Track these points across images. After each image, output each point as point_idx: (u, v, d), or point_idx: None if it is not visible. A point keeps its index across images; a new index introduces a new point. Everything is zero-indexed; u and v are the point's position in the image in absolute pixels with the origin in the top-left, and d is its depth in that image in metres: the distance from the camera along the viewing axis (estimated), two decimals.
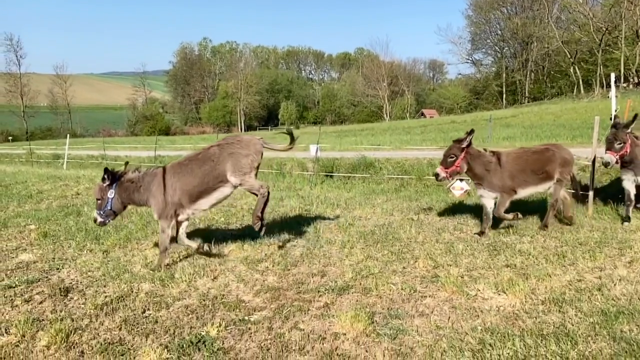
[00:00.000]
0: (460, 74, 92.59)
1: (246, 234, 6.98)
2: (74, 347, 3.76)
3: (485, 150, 6.92)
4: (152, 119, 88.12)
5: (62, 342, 3.81)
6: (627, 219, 6.96)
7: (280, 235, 6.89)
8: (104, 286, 5.07)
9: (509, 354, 3.34)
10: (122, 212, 6.06)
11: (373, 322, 3.96)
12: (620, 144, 6.75)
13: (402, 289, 4.69)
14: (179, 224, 5.87)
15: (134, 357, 3.57)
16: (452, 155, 6.58)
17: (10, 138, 74.64)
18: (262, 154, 5.78)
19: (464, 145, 6.56)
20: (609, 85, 9.93)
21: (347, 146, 21.53)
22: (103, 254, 6.29)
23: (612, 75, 9.24)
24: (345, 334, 3.80)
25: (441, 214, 8.09)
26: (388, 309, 4.25)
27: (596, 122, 8.17)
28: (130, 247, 6.54)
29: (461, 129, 32.79)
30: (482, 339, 3.57)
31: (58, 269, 5.75)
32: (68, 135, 24.02)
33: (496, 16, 79.19)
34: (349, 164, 14.29)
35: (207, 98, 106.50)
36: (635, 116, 6.78)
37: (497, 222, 6.94)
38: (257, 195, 5.72)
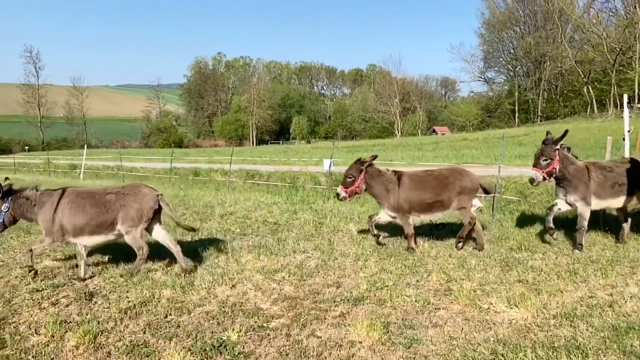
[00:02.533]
0: (472, 91, 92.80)
1: (262, 245, 7.16)
2: (101, 348, 3.94)
3: (387, 170, 7.04)
4: (165, 132, 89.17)
5: (90, 342, 4.00)
6: (578, 246, 6.57)
7: (295, 247, 7.06)
8: (127, 292, 5.26)
9: None
10: (11, 226, 6.08)
11: (388, 332, 4.09)
12: (546, 160, 6.51)
13: (416, 301, 4.81)
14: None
15: (159, 358, 3.73)
16: (351, 176, 6.81)
17: (26, 148, 75.94)
18: (155, 210, 5.90)
19: (363, 167, 6.78)
20: (622, 106, 9.92)
21: None
22: (123, 261, 6.47)
23: (625, 96, 9.33)
24: (361, 342, 3.93)
25: (454, 230, 8.17)
26: (402, 319, 4.38)
27: (609, 142, 8.27)
28: (150, 256, 6.71)
29: (474, 146, 32.85)
30: (494, 349, 3.68)
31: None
32: (85, 146, 24.48)
33: (509, 35, 79.34)
34: None
35: (220, 112, 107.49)
36: (566, 132, 6.65)
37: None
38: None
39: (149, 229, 6.03)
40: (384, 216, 6.99)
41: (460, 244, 6.81)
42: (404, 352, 3.74)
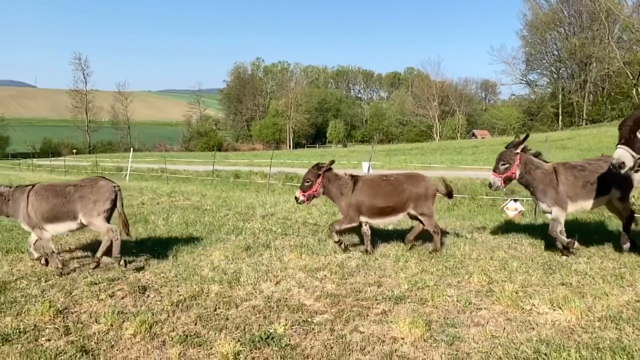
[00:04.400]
0: (513, 94, 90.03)
1: (303, 244, 7.33)
2: (156, 337, 4.19)
3: (345, 174, 7.12)
4: (205, 135, 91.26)
5: (146, 332, 4.26)
6: (565, 251, 6.38)
7: (336, 247, 7.19)
8: (177, 286, 5.53)
9: None
10: None
11: (430, 329, 4.17)
12: (504, 165, 6.38)
13: (457, 301, 4.87)
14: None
15: (211, 348, 3.94)
16: (308, 180, 6.94)
17: (74, 151, 79.40)
18: (113, 200, 6.24)
19: (320, 172, 6.91)
20: None
21: (397, 164, 21.70)
22: (173, 257, 6.79)
23: None
24: (403, 338, 4.03)
25: (495, 233, 8.13)
26: (444, 318, 4.45)
27: None
28: (197, 253, 7.02)
29: None
30: (537, 349, 3.71)
31: (134, 269, 6.28)
32: (132, 149, 25.50)
33: (553, 36, 77.17)
34: None
35: (258, 116, 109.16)
36: (527, 136, 6.49)
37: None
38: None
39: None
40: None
41: (437, 252, 6.73)
42: (446, 349, 3.82)
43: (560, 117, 75.79)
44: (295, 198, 7.05)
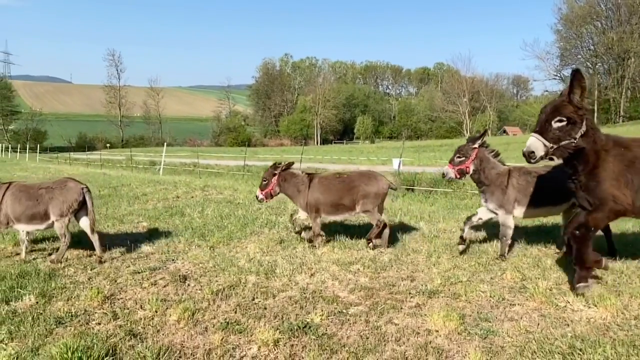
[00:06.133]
0: (547, 90, 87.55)
1: (335, 239, 7.46)
2: (199, 324, 4.39)
3: (302, 172, 7.35)
4: (234, 131, 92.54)
5: (189, 318, 4.47)
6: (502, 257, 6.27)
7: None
8: (216, 276, 5.75)
9: (599, 359, 3.50)
10: None
11: (464, 323, 4.24)
12: (460, 157, 6.39)
13: (490, 296, 4.91)
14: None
15: (251, 335, 4.12)
16: (265, 179, 7.27)
17: (108, 145, 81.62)
18: (80, 202, 6.46)
19: (276, 172, 7.18)
20: None
21: (426, 161, 21.59)
22: (210, 249, 7.02)
23: None
24: (437, 331, 4.12)
25: (528, 231, 8.09)
26: (477, 312, 4.51)
27: None
28: (233, 245, 7.25)
29: None
30: (572, 344, 3.75)
31: (173, 260, 6.54)
32: (165, 144, 26.15)
33: (589, 31, 74.94)
34: (431, 178, 14.43)
35: (286, 111, 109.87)
36: (485, 131, 6.49)
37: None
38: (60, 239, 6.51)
39: (77, 217, 6.60)
40: (302, 214, 7.38)
41: (371, 244, 6.94)
42: (480, 342, 3.89)
43: (596, 114, 73.53)
44: (256, 196, 7.40)
